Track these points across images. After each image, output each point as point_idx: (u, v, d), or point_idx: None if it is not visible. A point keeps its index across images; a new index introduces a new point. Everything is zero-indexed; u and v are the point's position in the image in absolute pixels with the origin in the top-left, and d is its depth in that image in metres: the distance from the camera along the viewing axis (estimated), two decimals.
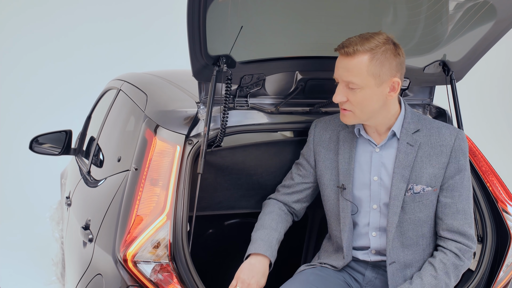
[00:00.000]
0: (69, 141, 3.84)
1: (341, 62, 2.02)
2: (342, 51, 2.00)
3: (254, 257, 2.12)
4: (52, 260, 4.64)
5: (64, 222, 3.60)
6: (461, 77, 2.57)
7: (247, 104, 2.37)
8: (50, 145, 3.87)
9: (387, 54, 1.99)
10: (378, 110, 2.07)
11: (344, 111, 2.06)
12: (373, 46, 1.97)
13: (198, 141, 2.23)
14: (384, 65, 1.99)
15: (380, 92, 2.02)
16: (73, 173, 3.71)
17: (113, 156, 2.72)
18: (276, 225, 2.21)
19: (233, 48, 2.16)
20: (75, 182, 3.34)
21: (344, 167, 2.17)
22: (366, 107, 2.03)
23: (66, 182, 4.05)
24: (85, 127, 3.97)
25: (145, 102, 2.55)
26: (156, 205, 2.13)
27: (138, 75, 3.16)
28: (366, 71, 1.97)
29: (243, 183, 2.48)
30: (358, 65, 1.97)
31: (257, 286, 2.06)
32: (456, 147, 2.10)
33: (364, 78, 1.98)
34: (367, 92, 2.00)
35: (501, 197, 2.51)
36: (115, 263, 2.11)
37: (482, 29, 2.34)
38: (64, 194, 3.94)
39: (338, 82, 2.05)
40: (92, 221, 2.47)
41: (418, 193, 2.09)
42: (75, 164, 3.77)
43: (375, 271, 2.20)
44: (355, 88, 2.00)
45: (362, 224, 2.17)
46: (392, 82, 2.02)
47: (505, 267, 2.44)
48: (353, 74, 1.98)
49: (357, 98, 2.01)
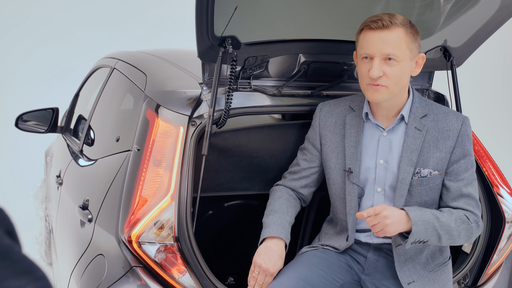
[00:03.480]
0: (56, 119, 3.79)
1: (376, 37, 2.01)
2: (376, 24, 2.00)
3: (269, 240, 2.13)
4: (36, 238, 4.60)
5: (53, 201, 3.56)
6: (461, 62, 2.59)
7: (250, 86, 2.37)
8: (36, 122, 3.82)
9: (413, 30, 2.05)
10: (404, 86, 2.11)
11: (377, 86, 2.04)
12: (403, 22, 2.02)
13: (201, 122, 2.22)
14: (414, 40, 2.05)
15: (410, 66, 2.07)
16: (61, 152, 3.66)
17: (110, 135, 2.69)
18: (286, 208, 2.22)
19: (238, 28, 2.15)
20: (65, 161, 3.30)
21: (350, 151, 2.18)
22: (401, 81, 2.05)
23: (52, 161, 4.00)
24: (72, 105, 3.92)
25: (144, 82, 2.52)
26: (159, 186, 2.12)
27: (134, 54, 3.12)
28: (405, 43, 2.02)
29: (244, 165, 2.48)
30: (397, 37, 2.01)
31: (274, 269, 2.07)
32: (462, 132, 2.13)
33: (403, 51, 2.01)
34: (403, 65, 2.03)
35: (496, 182, 2.56)
36: (119, 244, 2.10)
37: (485, 15, 2.36)
38: (51, 173, 3.89)
39: (371, 57, 2.03)
40: (91, 201, 2.45)
41: (425, 177, 2.12)
42: (63, 142, 3.72)
43: (377, 253, 2.23)
44: (395, 60, 2.01)
45: (365, 206, 2.19)
46: (418, 58, 2.09)
47: (498, 251, 2.50)
48: (393, 46, 2.00)
49: (395, 72, 2.02)
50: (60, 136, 3.90)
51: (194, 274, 2.06)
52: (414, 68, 2.11)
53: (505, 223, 2.47)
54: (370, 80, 2.04)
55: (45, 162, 4.49)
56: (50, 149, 4.39)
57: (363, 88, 2.10)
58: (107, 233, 2.20)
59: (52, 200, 3.64)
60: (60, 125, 3.89)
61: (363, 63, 2.07)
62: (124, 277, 2.07)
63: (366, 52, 2.04)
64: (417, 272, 2.16)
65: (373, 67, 2.02)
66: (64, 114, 4.03)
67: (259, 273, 2.08)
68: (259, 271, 2.07)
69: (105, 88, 3.10)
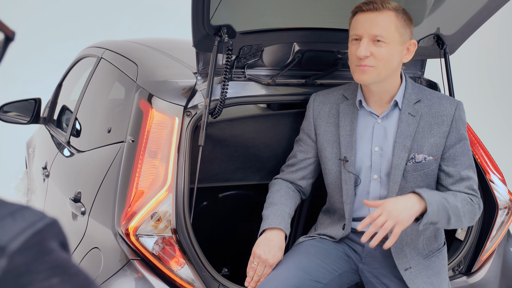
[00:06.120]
0: (38, 110, 3.73)
1: (367, 18, 2.04)
2: (368, 7, 2.03)
3: (269, 231, 2.12)
4: None
5: (38, 193, 3.50)
6: (454, 50, 2.60)
7: (244, 75, 2.34)
8: (18, 113, 3.75)
9: (406, 17, 2.08)
10: (394, 71, 2.11)
11: (364, 67, 2.05)
12: (396, 7, 2.04)
13: (196, 112, 2.19)
14: (406, 26, 2.07)
15: (400, 51, 2.08)
16: (45, 143, 3.60)
17: (101, 127, 2.65)
18: (285, 200, 2.21)
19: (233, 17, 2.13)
20: (52, 153, 3.24)
21: (345, 140, 2.18)
22: (389, 63, 2.05)
23: (35, 152, 3.93)
24: (55, 96, 3.84)
25: (135, 72, 2.48)
26: (156, 178, 2.09)
27: (122, 43, 3.07)
28: (394, 26, 2.03)
29: (239, 155, 2.46)
30: (387, 19, 2.03)
31: (273, 260, 2.06)
32: (456, 116, 2.14)
33: (392, 33, 2.03)
34: (391, 47, 2.04)
35: (488, 169, 2.58)
36: (115, 237, 2.07)
37: (478, 3, 2.36)
38: (35, 164, 3.83)
39: (360, 38, 2.05)
40: (83, 194, 2.41)
41: (419, 162, 2.12)
42: (46, 133, 3.65)
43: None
44: (382, 41, 2.02)
45: (362, 194, 2.19)
46: (409, 44, 2.10)
47: (491, 238, 2.52)
48: (382, 28, 2.02)
49: (382, 53, 2.03)
50: (43, 127, 3.82)
51: (192, 266, 2.04)
52: (405, 55, 2.11)
53: (498, 210, 2.49)
54: (357, 61, 2.06)
55: (27, 153, 4.41)
56: (32, 140, 4.31)
57: (352, 70, 2.11)
58: (102, 226, 2.17)
59: (37, 192, 3.58)
60: (43, 115, 3.82)
61: (352, 45, 2.10)
62: (121, 270, 2.04)
63: (355, 32, 2.07)
64: (413, 259, 2.16)
65: (360, 46, 2.04)
66: (47, 104, 3.96)
67: (258, 264, 2.07)
68: (258, 262, 2.06)
69: (92, 78, 3.05)
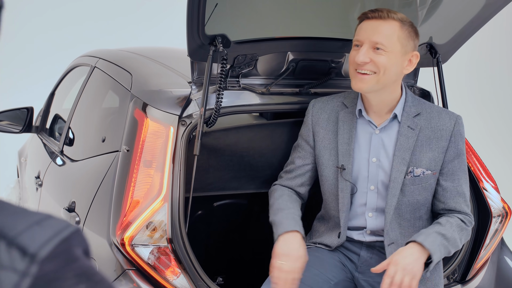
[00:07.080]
0: (31, 119, 3.71)
1: (370, 25, 2.05)
2: (373, 14, 2.04)
3: (284, 234, 2.04)
4: None
5: (30, 202, 3.48)
6: (447, 59, 2.62)
7: (238, 85, 2.35)
8: (10, 122, 3.73)
9: (411, 29, 2.08)
10: (393, 81, 2.10)
11: (363, 75, 2.05)
12: (402, 19, 2.05)
13: (191, 122, 2.19)
14: (410, 38, 2.07)
15: (401, 61, 2.07)
16: (38, 152, 3.59)
17: (94, 136, 2.64)
18: (291, 204, 2.18)
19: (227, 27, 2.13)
20: (45, 162, 3.23)
21: (343, 148, 2.18)
22: (388, 72, 2.05)
23: (27, 161, 3.92)
24: (48, 104, 3.83)
25: (130, 81, 2.48)
26: (151, 187, 2.09)
27: (114, 52, 3.07)
28: (396, 36, 2.03)
29: (234, 164, 2.46)
30: (390, 28, 2.03)
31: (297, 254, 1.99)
32: (455, 131, 2.14)
33: (393, 42, 2.03)
34: (391, 56, 2.04)
35: (481, 177, 2.59)
36: (110, 246, 2.06)
37: (470, 12, 2.38)
38: (27, 173, 3.81)
39: (361, 44, 2.06)
40: (77, 203, 2.40)
41: (418, 176, 2.13)
42: (39, 142, 3.64)
43: (370, 251, 2.23)
44: (382, 49, 2.03)
45: (358, 204, 2.20)
46: (411, 56, 2.10)
47: (485, 246, 2.53)
48: (383, 36, 2.02)
49: (381, 60, 2.03)
50: (35, 136, 3.81)
51: (188, 275, 2.04)
52: (406, 66, 2.11)
53: (492, 218, 2.50)
54: (356, 66, 2.06)
55: (19, 162, 4.39)
56: (24, 149, 4.29)
57: (351, 76, 2.11)
58: (97, 235, 2.16)
59: (29, 201, 3.56)
60: (35, 124, 3.81)
61: (353, 51, 2.10)
62: (116, 281, 2.04)
63: (357, 38, 2.08)
64: None
65: (359, 52, 2.04)
66: (39, 113, 3.94)
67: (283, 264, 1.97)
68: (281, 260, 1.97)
69: (86, 87, 3.04)
